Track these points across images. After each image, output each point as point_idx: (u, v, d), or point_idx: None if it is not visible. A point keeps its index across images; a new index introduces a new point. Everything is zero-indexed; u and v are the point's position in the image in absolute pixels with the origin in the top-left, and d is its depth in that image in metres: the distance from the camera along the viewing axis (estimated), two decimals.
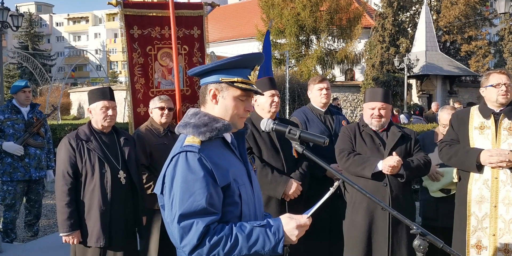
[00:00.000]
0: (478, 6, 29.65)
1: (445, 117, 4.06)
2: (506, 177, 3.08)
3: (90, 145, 3.29)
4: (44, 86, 31.48)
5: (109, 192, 3.27)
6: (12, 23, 14.40)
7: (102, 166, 3.29)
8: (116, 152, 3.40)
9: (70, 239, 3.24)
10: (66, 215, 3.21)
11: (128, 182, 3.39)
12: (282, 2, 26.41)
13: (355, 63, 28.72)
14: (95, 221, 3.24)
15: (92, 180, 3.26)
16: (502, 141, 3.12)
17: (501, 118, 3.16)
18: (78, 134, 3.34)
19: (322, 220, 3.61)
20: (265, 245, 1.73)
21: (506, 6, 12.72)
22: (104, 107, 3.32)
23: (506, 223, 3.08)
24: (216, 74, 1.88)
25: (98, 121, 3.35)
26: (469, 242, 3.20)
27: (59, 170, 3.28)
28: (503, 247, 3.07)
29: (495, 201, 3.11)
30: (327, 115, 4.06)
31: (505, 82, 3.16)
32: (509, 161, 3.01)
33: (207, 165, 1.76)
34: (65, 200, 3.21)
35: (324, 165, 1.97)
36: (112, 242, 3.28)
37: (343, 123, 4.04)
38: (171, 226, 1.76)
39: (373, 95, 3.50)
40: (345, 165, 3.40)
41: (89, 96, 3.42)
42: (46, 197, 7.74)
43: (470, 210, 3.21)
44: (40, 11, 69.34)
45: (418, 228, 1.85)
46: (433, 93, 27.17)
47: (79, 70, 57.52)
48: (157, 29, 4.37)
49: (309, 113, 4.04)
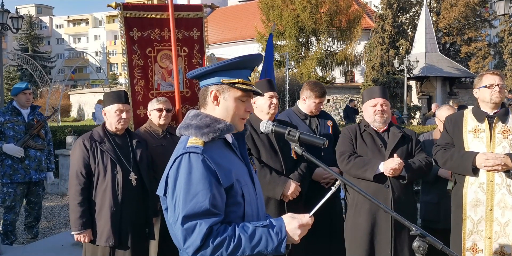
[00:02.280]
0: (478, 8, 29.67)
1: (443, 114, 4.06)
2: (501, 180, 3.08)
3: (103, 146, 3.38)
4: (44, 88, 31.48)
5: (120, 193, 3.36)
6: (12, 25, 14.42)
7: (114, 167, 3.37)
8: (128, 154, 3.48)
9: (81, 237, 3.33)
10: (78, 214, 3.30)
11: (139, 183, 3.47)
12: (282, 4, 26.44)
13: (355, 65, 28.71)
14: (105, 221, 3.32)
15: (104, 181, 3.35)
16: (496, 144, 3.13)
17: (495, 121, 3.17)
18: (92, 135, 3.43)
19: (322, 220, 3.62)
20: (268, 245, 1.73)
21: (505, 8, 12.73)
22: (118, 110, 3.43)
23: (501, 226, 3.08)
24: (216, 76, 1.89)
25: (112, 124, 3.45)
26: (465, 245, 3.20)
27: (73, 170, 3.38)
28: (498, 250, 3.08)
29: (490, 204, 3.11)
30: (312, 118, 4.02)
31: (498, 83, 3.17)
32: (504, 164, 3.01)
33: (210, 166, 1.76)
34: (78, 199, 3.31)
35: (323, 166, 1.97)
36: (121, 242, 3.35)
37: (329, 124, 4.03)
38: (174, 228, 1.76)
39: (372, 93, 3.52)
40: (346, 167, 3.39)
41: (105, 98, 3.54)
42: (46, 199, 7.75)
43: (466, 213, 3.21)
44: (40, 13, 69.38)
45: (418, 230, 1.85)
46: (433, 94, 27.17)
47: (79, 72, 57.49)
48: (157, 31, 4.38)
49: (293, 116, 4.00)
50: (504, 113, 3.20)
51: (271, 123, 2.14)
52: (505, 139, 3.12)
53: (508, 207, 3.06)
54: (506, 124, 3.16)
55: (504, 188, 3.07)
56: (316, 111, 4.00)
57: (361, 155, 3.40)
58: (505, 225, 3.07)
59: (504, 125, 3.15)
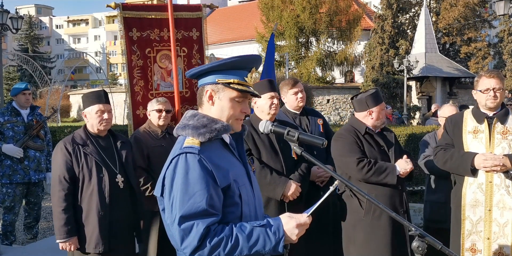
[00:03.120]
0: (478, 8, 29.68)
1: (445, 113, 4.07)
2: (500, 181, 3.08)
3: (86, 149, 3.23)
4: (43, 89, 31.50)
5: (108, 197, 3.22)
6: (11, 25, 14.40)
7: (100, 170, 3.23)
8: (113, 156, 3.35)
9: (67, 245, 3.16)
10: (63, 221, 3.13)
11: (126, 186, 3.34)
12: (282, 4, 26.46)
13: (354, 65, 28.75)
14: (93, 227, 3.17)
15: (90, 185, 3.20)
16: (496, 145, 3.12)
17: (494, 122, 3.16)
18: (74, 138, 3.28)
19: (325, 221, 3.62)
20: (265, 245, 1.73)
21: (505, 8, 12.73)
22: (99, 110, 3.26)
23: (500, 227, 3.08)
24: (212, 75, 1.88)
25: (94, 125, 3.29)
26: (464, 245, 3.20)
27: (55, 175, 3.22)
28: (497, 251, 3.07)
29: (489, 205, 3.11)
30: (302, 117, 3.99)
31: (494, 86, 3.13)
32: (503, 165, 3.01)
33: (207, 166, 1.76)
34: (61, 206, 3.15)
35: (322, 166, 1.97)
36: (111, 247, 3.22)
37: (319, 122, 4.02)
38: (172, 228, 1.76)
39: (377, 99, 3.38)
40: (366, 175, 3.20)
41: (84, 100, 3.36)
42: (45, 200, 7.71)
43: (465, 214, 3.20)
44: (40, 14, 69.38)
45: (417, 230, 1.84)
46: (432, 94, 27.18)
47: (79, 73, 57.49)
48: (156, 31, 4.38)
49: (283, 116, 3.95)
50: (504, 114, 3.19)
51: (270, 123, 2.13)
52: (504, 140, 3.11)
53: (507, 207, 3.05)
54: (505, 124, 3.16)
55: (503, 189, 3.06)
56: (300, 102, 3.91)
57: (372, 158, 3.28)
58: (504, 226, 3.06)
59: (503, 126, 3.14)
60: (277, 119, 3.69)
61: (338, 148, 3.38)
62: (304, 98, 3.94)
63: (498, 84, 3.14)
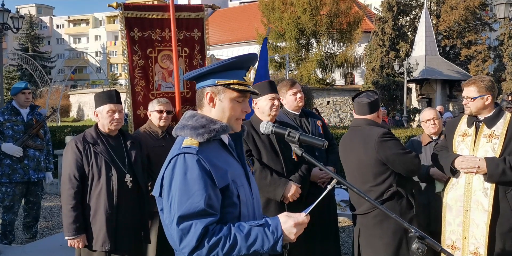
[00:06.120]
0: (478, 11, 29.74)
1: (424, 116, 4.25)
2: (478, 182, 3.18)
3: (97, 148, 3.27)
4: (44, 88, 31.52)
5: (115, 196, 3.25)
6: (12, 25, 14.40)
7: (109, 169, 3.26)
8: (122, 156, 3.38)
9: (75, 243, 3.22)
10: (71, 219, 3.18)
11: (134, 185, 3.37)
12: (283, 5, 26.49)
13: (355, 67, 28.76)
14: (101, 225, 3.21)
15: (99, 184, 3.24)
16: (480, 147, 3.22)
17: (482, 125, 3.26)
18: (85, 137, 3.32)
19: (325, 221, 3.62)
20: (264, 244, 1.73)
21: (505, 11, 12.75)
22: (110, 110, 3.31)
23: (476, 227, 3.17)
24: (211, 77, 1.88)
25: (105, 125, 3.34)
26: (445, 242, 3.34)
27: (65, 173, 3.25)
28: (473, 251, 3.18)
29: (467, 205, 3.22)
30: (302, 118, 3.98)
31: (467, 95, 3.23)
32: (479, 167, 3.11)
33: (205, 167, 1.76)
34: (71, 204, 3.19)
35: (322, 167, 1.97)
36: (117, 246, 3.25)
37: (318, 124, 4.02)
38: (170, 228, 1.76)
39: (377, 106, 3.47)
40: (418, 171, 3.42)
41: (96, 99, 3.40)
42: (45, 199, 7.75)
43: (446, 212, 3.35)
44: (41, 13, 69.43)
45: (417, 231, 1.85)
46: (432, 97, 27.22)
47: (79, 72, 57.60)
48: (158, 32, 4.38)
49: (284, 118, 3.94)
50: (493, 117, 3.25)
51: (271, 124, 2.13)
52: (488, 143, 3.21)
53: (483, 209, 3.14)
54: (492, 128, 3.22)
55: (480, 191, 3.16)
56: (300, 102, 3.90)
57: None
58: (480, 227, 3.15)
59: (490, 130, 3.22)
60: (277, 120, 3.69)
61: (391, 146, 3.29)
62: (303, 98, 3.95)
63: (473, 92, 3.21)
